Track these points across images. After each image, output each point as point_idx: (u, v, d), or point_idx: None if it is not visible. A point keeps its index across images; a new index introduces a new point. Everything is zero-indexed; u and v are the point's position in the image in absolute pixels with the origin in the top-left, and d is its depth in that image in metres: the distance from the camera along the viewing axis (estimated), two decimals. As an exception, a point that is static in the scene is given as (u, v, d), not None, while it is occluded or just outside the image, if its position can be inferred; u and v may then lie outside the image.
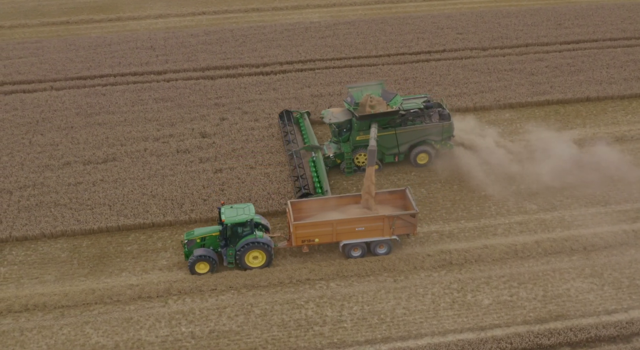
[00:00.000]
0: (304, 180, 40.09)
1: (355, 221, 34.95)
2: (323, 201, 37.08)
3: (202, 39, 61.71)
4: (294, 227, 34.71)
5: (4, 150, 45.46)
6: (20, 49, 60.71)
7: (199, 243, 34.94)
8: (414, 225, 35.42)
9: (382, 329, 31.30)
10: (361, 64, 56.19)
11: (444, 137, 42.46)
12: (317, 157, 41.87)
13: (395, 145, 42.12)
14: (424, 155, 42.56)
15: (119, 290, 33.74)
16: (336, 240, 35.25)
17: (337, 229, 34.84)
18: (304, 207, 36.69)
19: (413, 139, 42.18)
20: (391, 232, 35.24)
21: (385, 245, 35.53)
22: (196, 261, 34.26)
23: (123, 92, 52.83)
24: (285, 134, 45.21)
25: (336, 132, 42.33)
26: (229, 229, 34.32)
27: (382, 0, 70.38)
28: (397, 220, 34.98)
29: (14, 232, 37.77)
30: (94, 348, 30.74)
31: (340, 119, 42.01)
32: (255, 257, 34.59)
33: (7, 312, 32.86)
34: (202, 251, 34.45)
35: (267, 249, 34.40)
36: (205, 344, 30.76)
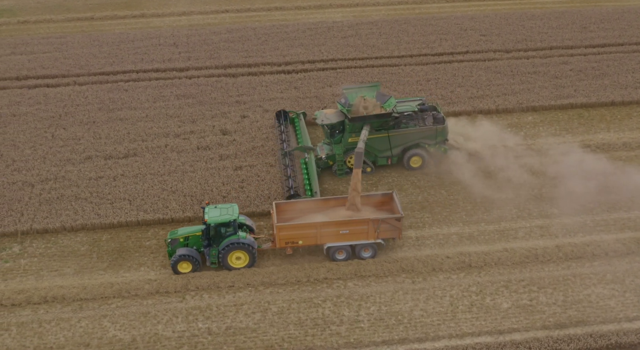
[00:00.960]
0: (294, 181, 39.92)
1: (339, 224, 34.66)
2: (310, 203, 36.90)
3: (224, 36, 61.85)
4: (277, 228, 34.49)
5: (26, 144, 45.85)
6: (45, 44, 61.23)
7: (182, 242, 34.85)
8: (399, 229, 35.04)
9: (399, 330, 31.10)
10: (383, 65, 55.96)
11: (438, 140, 42.02)
12: (310, 158, 41.71)
13: (388, 148, 41.79)
14: (417, 159, 42.20)
15: (137, 285, 33.85)
16: (320, 242, 34.95)
17: (321, 232, 34.56)
18: (290, 208, 36.49)
19: (406, 142, 41.84)
20: (376, 236, 34.89)
21: (370, 249, 35.15)
22: (178, 260, 34.15)
23: (145, 88, 53.08)
24: (279, 133, 45.06)
25: (328, 133, 42.12)
26: (212, 229, 34.23)
27: (405, 1, 70.08)
28: (382, 223, 34.65)
29: (35, 224, 38.07)
30: (111, 341, 30.87)
31: (332, 120, 41.74)
32: (239, 258, 34.45)
33: (27, 303, 33.12)
34: (184, 250, 34.32)
35: (250, 249, 34.23)
36: (222, 341, 30.76)
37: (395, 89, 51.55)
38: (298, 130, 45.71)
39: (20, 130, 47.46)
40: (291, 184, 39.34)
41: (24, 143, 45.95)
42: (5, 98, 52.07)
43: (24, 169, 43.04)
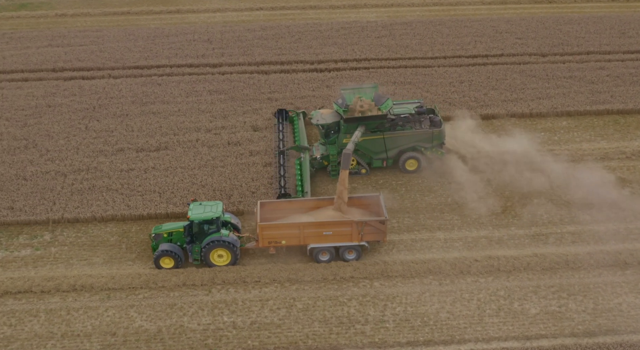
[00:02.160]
0: (287, 180, 39.77)
1: (322, 225, 34.43)
2: (297, 203, 36.75)
3: (258, 34, 62.03)
4: (260, 227, 34.36)
5: (60, 134, 46.46)
6: (82, 37, 62.02)
7: (165, 238, 34.96)
8: (383, 232, 34.66)
9: (424, 331, 30.84)
10: (416, 65, 55.60)
11: (434, 144, 41.54)
12: (304, 158, 41.55)
13: (383, 150, 41.40)
14: (412, 162, 41.75)
15: (164, 277, 34.07)
16: (304, 243, 34.75)
17: (304, 232, 34.34)
18: (277, 208, 36.36)
19: (402, 145, 41.38)
20: (360, 238, 34.54)
21: (354, 251, 34.82)
22: (161, 255, 34.29)
23: (178, 82, 53.45)
24: (277, 132, 44.96)
25: (323, 133, 41.89)
26: (195, 226, 34.29)
27: (440, 2, 69.54)
28: (365, 226, 34.28)
29: (66, 213, 38.55)
30: (137, 331, 31.12)
31: (327, 120, 41.47)
32: (220, 256, 34.47)
33: (56, 291, 33.55)
34: (167, 246, 34.41)
35: (232, 248, 34.18)
36: (246, 335, 30.82)
37: (428, 90, 51.21)
38: (296, 130, 45.57)
39: (55, 121, 48.12)
40: (283, 183, 39.22)
41: (58, 133, 46.57)
42: (41, 89, 52.84)
43: (57, 159, 43.61)
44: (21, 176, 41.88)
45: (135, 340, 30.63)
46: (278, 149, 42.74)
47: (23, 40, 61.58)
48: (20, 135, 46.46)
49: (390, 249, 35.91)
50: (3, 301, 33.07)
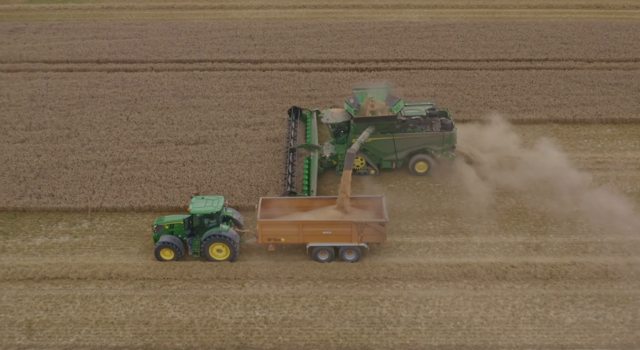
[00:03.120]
0: (294, 178, 39.63)
1: (321, 224, 34.16)
2: (299, 201, 36.57)
3: (300, 31, 62.10)
4: (259, 224, 34.28)
5: (102, 125, 47.13)
6: (126, 30, 62.86)
7: (167, 230, 35.19)
8: (383, 234, 34.22)
9: (457, 335, 30.46)
10: (458, 68, 55.05)
11: (445, 147, 40.94)
12: (313, 156, 41.32)
13: (392, 152, 40.95)
14: (422, 164, 41.24)
15: (198, 269, 34.26)
16: (303, 241, 34.51)
17: (303, 231, 34.13)
18: (280, 205, 36.24)
19: (411, 147, 40.89)
20: (359, 239, 34.16)
21: (354, 252, 34.47)
22: (161, 247, 34.51)
23: (219, 78, 53.79)
24: (289, 130, 44.83)
25: (333, 133, 41.63)
26: (196, 220, 34.43)
27: (485, 5, 68.80)
28: (365, 227, 33.88)
29: (105, 203, 39.06)
30: (170, 322, 31.34)
31: (338, 119, 41.18)
32: (219, 250, 34.51)
33: (92, 278, 34.00)
34: (167, 238, 34.62)
35: (231, 243, 34.17)
36: (277, 330, 30.80)
37: (469, 93, 50.66)
38: (308, 128, 45.43)
39: (97, 112, 48.83)
40: (290, 181, 39.13)
41: (99, 124, 47.24)
42: (85, 80, 53.69)
43: (98, 149, 44.24)
44: (63, 164, 42.58)
45: (167, 331, 30.85)
46: (288, 147, 42.73)
47: (69, 32, 62.68)
48: (64, 124, 47.26)
49: (425, 252, 35.58)
50: (40, 286, 33.63)
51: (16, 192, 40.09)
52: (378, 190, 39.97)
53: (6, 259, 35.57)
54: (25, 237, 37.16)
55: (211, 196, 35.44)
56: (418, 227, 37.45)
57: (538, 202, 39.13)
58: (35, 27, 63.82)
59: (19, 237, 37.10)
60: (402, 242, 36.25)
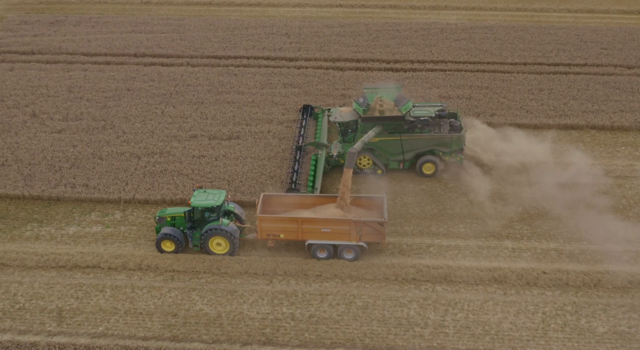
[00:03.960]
0: (299, 175, 39.61)
1: (320, 221, 34.07)
2: (301, 198, 36.50)
3: (336, 30, 62.02)
4: (259, 219, 34.34)
5: (137, 117, 47.60)
6: (164, 25, 63.45)
7: (169, 221, 35.38)
8: (382, 234, 33.93)
9: (485, 340, 30.09)
10: (494, 70, 54.46)
11: (453, 149, 40.58)
12: (321, 154, 41.21)
13: (400, 152, 40.73)
14: (429, 165, 40.95)
15: (227, 263, 34.40)
16: (302, 238, 34.45)
17: (302, 227, 34.07)
18: (281, 201, 36.28)
19: (419, 148, 40.60)
20: (358, 238, 33.91)
21: (352, 251, 34.32)
22: (162, 238, 34.75)
23: (254, 74, 53.97)
24: (299, 127, 44.77)
25: (341, 131, 41.44)
26: (198, 213, 34.59)
27: (524, 8, 67.96)
28: (364, 226, 33.62)
29: (138, 194, 39.42)
30: (198, 314, 31.51)
31: (345, 118, 41.02)
32: (219, 244, 34.64)
33: (122, 268, 34.36)
34: (169, 230, 34.82)
35: (230, 237, 34.26)
36: (304, 328, 30.77)
37: (505, 97, 50.06)
38: (319, 126, 45.30)
39: (133, 105, 49.33)
40: (295, 178, 39.15)
41: (135, 117, 47.72)
42: (122, 73, 54.30)
43: (132, 141, 44.69)
44: (97, 155, 43.11)
45: (195, 323, 31.03)
46: (296, 144, 42.68)
47: (108, 25, 63.44)
48: (100, 116, 47.85)
49: (455, 254, 35.24)
50: (72, 274, 34.09)
51: (51, 181, 40.70)
52: (409, 191, 39.82)
53: (40, 246, 36.13)
54: (59, 225, 37.70)
55: (213, 190, 35.71)
56: (449, 229, 37.12)
57: (572, 208, 38.45)
58: (75, 20, 64.73)
59: (52, 226, 37.64)
60: (432, 244, 35.97)
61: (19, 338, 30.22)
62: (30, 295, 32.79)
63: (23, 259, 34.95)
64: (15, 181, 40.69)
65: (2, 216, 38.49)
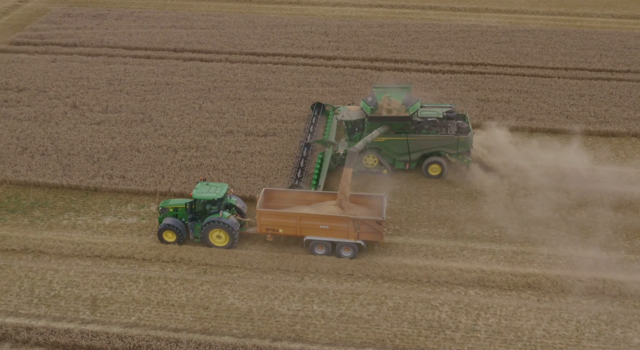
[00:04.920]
0: (304, 172, 39.60)
1: (319, 218, 34.12)
2: (302, 194, 36.53)
3: (374, 30, 61.86)
4: (258, 213, 34.46)
5: (175, 112, 48.05)
6: (204, 21, 63.98)
7: (171, 212, 35.72)
8: (380, 233, 33.77)
9: (517, 346, 29.69)
10: (534, 75, 53.79)
11: (460, 150, 40.21)
12: (327, 152, 41.11)
13: (406, 152, 40.49)
14: (436, 167, 40.67)
15: (259, 259, 34.52)
16: (300, 234, 34.50)
17: (301, 223, 34.14)
18: (283, 197, 36.33)
19: (425, 148, 40.37)
20: (356, 236, 33.77)
21: (350, 249, 34.26)
22: (164, 229, 35.10)
23: (292, 72, 54.10)
24: (309, 124, 44.71)
25: (348, 130, 41.32)
26: (199, 205, 34.89)
27: (567, 12, 67.02)
28: (362, 224, 33.45)
29: (173, 187, 39.78)
30: (229, 308, 31.66)
31: (352, 117, 40.86)
32: (219, 236, 34.90)
33: (156, 260, 34.69)
34: (170, 221, 35.17)
35: (230, 230, 34.46)
36: (334, 326, 30.71)
37: (545, 101, 49.40)
38: (328, 124, 45.16)
39: (171, 99, 49.82)
40: (300, 174, 39.21)
41: (173, 111, 48.18)
42: (162, 67, 54.88)
43: (170, 135, 45.13)
44: (135, 148, 43.62)
45: (226, 317, 31.18)
46: (304, 141, 42.67)
47: (149, 20, 64.22)
48: (138, 109, 48.41)
49: (489, 259, 34.85)
50: (107, 264, 34.53)
51: (89, 171, 41.30)
52: (444, 194, 39.49)
53: (76, 235, 36.69)
54: (95, 215, 38.24)
55: (216, 183, 35.98)
56: (483, 233, 36.73)
57: (611, 216, 37.80)
58: (117, 14, 65.65)
59: (89, 215, 38.19)
60: (466, 247, 35.64)
61: (54, 324, 30.70)
62: (66, 283, 33.32)
63: (59, 247, 35.54)
64: (55, 170, 41.39)
65: (41, 204, 39.19)
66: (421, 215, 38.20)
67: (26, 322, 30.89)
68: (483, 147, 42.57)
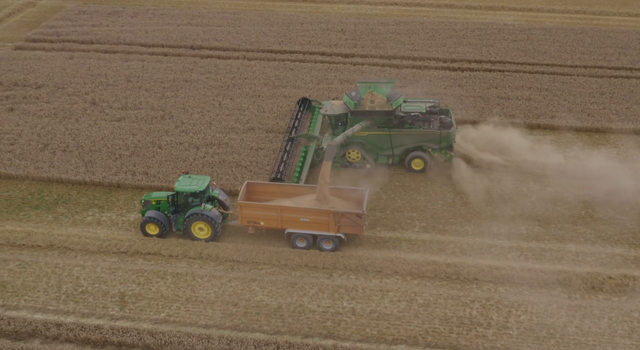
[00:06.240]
0: (287, 165, 39.66)
1: (300, 211, 34.15)
2: (283, 187, 36.61)
3: (391, 28, 61.67)
4: (239, 206, 34.48)
5: (195, 108, 47.89)
6: (219, 18, 63.80)
7: (154, 205, 35.73)
8: (360, 226, 33.71)
9: (550, 343, 29.51)
10: (554, 72, 53.56)
11: (442, 145, 40.16)
12: (310, 147, 41.14)
13: (389, 147, 40.41)
14: (419, 161, 40.67)
15: (287, 255, 34.36)
16: (282, 226, 34.58)
17: (282, 216, 34.13)
18: (265, 190, 36.41)
19: (408, 143, 40.33)
20: (337, 229, 33.74)
21: (331, 242, 34.31)
22: (146, 222, 35.26)
23: (310, 69, 53.92)
24: (293, 119, 44.66)
25: (331, 124, 41.23)
26: (181, 197, 34.92)
27: (583, 11, 66.80)
28: (342, 217, 33.42)
29: (197, 184, 39.58)
30: (258, 305, 31.51)
31: (336, 111, 40.82)
32: (201, 229, 34.98)
33: (183, 256, 34.55)
34: (153, 213, 35.22)
35: (212, 222, 34.53)
36: (365, 323, 30.55)
37: (566, 99, 49.19)
38: (313, 119, 45.13)
39: (191, 96, 49.66)
40: (282, 168, 39.20)
41: (193, 107, 48.02)
42: (179, 64, 54.72)
43: (190, 132, 44.97)
44: (157, 144, 43.47)
45: (255, 314, 31.02)
46: (288, 135, 42.60)
47: (164, 17, 64.06)
48: (158, 106, 48.26)
49: (517, 255, 34.68)
50: (133, 260, 34.39)
51: (112, 168, 41.15)
52: (470, 191, 39.30)
53: (101, 231, 36.55)
54: (119, 212, 38.08)
55: (198, 176, 35.96)
56: (510, 230, 36.52)
57: (637, 214, 37.60)
58: (132, 11, 65.49)
59: (113, 212, 38.04)
60: (494, 245, 35.45)
61: (83, 321, 30.57)
62: (93, 279, 33.18)
63: (85, 243, 35.41)
64: (77, 167, 41.25)
65: (64, 201, 39.05)
66: (447, 212, 38.04)
67: (55, 318, 30.77)
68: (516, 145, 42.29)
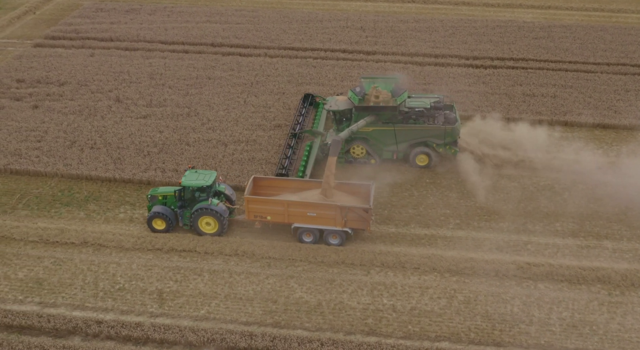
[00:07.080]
0: (291, 161, 39.65)
1: (307, 205, 34.07)
2: (290, 182, 36.57)
3: (411, 25, 61.52)
4: (246, 200, 34.45)
5: (220, 106, 47.70)
6: (238, 16, 63.62)
7: (160, 200, 35.69)
8: (367, 221, 33.65)
9: (593, 340, 29.38)
10: (577, 70, 53.42)
11: (447, 141, 40.15)
12: (315, 142, 41.10)
13: (393, 142, 40.39)
14: (423, 157, 40.66)
15: (323, 252, 34.20)
16: (288, 221, 34.47)
17: (289, 210, 34.08)
18: (271, 185, 36.39)
19: (412, 139, 40.31)
20: (343, 224, 33.67)
21: (338, 236, 34.26)
22: (153, 217, 35.25)
23: (332, 67, 53.75)
24: (298, 115, 44.61)
25: (336, 120, 41.19)
26: (188, 192, 34.78)
27: (601, 8, 66.70)
28: (349, 212, 33.34)
29: (228, 181, 39.38)
30: (298, 302, 31.35)
31: (340, 107, 40.75)
32: (208, 223, 35.00)
33: (219, 253, 34.38)
34: (160, 209, 35.20)
35: (219, 217, 34.47)
36: (406, 320, 30.40)
37: (591, 96, 49.07)
38: (318, 115, 45.07)
39: (215, 93, 49.47)
40: (286, 163, 39.19)
41: (218, 105, 47.83)
42: (201, 61, 54.53)
43: (217, 129, 44.79)
44: (184, 141, 43.30)
45: (295, 310, 30.86)
46: (292, 131, 42.55)
47: (183, 15, 63.87)
48: (183, 103, 48.07)
49: (554, 252, 34.55)
50: (169, 257, 34.22)
51: (141, 165, 40.96)
52: (502, 187, 39.14)
53: (134, 228, 36.37)
54: (151, 209, 37.87)
55: (205, 170, 35.88)
56: (545, 227, 36.40)
57: (672, 211, 37.55)
58: (149, 9, 65.29)
59: (145, 209, 37.83)
60: (530, 242, 35.33)
61: (123, 318, 30.40)
62: (130, 276, 33.00)
63: (119, 240, 35.24)
64: (106, 164, 41.08)
65: (95, 198, 38.88)
66: (480, 209, 37.88)
67: (94, 315, 30.61)
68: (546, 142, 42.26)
